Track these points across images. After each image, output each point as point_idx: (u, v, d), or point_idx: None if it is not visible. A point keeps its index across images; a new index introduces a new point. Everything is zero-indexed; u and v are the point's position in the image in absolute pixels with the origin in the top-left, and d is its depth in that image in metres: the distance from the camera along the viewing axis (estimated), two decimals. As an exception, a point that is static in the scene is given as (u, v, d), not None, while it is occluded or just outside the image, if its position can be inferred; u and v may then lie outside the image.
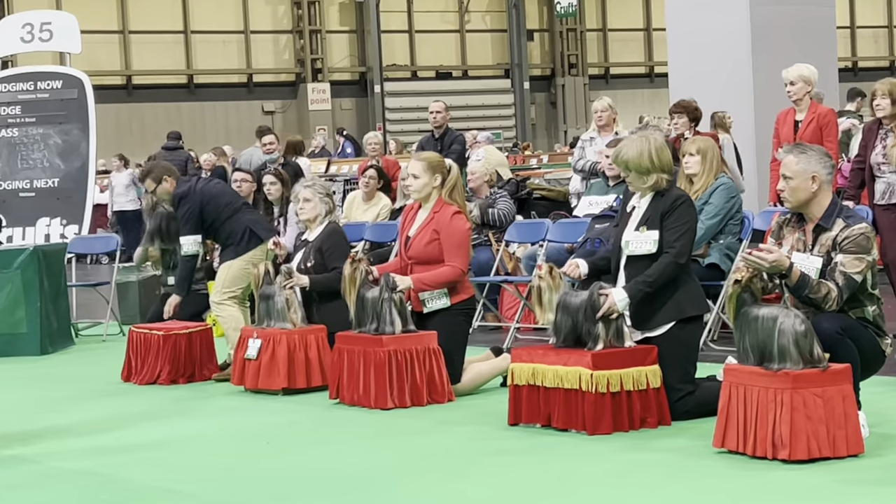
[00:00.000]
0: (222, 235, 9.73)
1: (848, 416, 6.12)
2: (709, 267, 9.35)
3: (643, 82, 42.53)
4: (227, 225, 9.68)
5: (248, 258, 9.62)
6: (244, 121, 37.85)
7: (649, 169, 7.20)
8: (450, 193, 8.47)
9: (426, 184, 8.43)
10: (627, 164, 7.24)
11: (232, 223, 9.68)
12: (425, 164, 8.43)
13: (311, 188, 9.52)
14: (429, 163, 8.46)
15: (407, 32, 40.61)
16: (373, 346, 8.08)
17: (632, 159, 7.21)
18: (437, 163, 8.49)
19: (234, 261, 9.65)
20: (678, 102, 12.26)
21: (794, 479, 5.80)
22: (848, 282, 6.35)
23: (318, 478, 6.36)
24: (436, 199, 8.46)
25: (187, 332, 9.54)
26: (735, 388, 6.27)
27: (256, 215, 10.20)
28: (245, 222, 9.72)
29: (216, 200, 9.74)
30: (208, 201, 9.69)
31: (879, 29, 46.22)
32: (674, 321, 7.18)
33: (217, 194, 9.83)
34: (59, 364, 10.94)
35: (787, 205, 6.63)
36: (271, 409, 8.33)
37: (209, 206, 9.67)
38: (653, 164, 7.19)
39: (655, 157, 7.19)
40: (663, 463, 6.29)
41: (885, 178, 9.49)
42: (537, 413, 7.17)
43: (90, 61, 29.30)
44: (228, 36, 38.42)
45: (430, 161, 8.49)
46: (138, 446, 7.29)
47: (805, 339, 6.09)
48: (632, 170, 7.23)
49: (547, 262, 7.35)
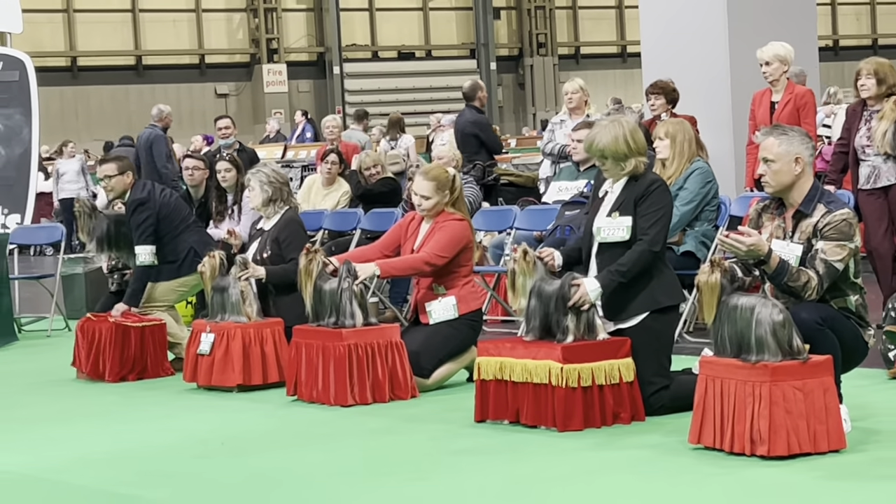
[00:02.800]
0: (165, 251, 9.69)
1: (829, 409, 6.16)
2: (684, 255, 9.38)
3: (615, 62, 42.62)
4: (174, 242, 9.70)
5: (183, 281, 9.76)
6: (196, 104, 37.77)
7: (626, 154, 7.20)
8: (453, 203, 8.58)
9: (436, 202, 8.53)
10: (604, 152, 7.23)
11: (178, 241, 9.73)
12: (435, 185, 8.51)
13: (255, 175, 9.54)
14: (438, 183, 8.52)
15: (367, 10, 40.56)
16: (332, 340, 8.08)
17: (608, 146, 7.20)
18: (445, 180, 8.57)
19: (169, 282, 9.72)
20: (655, 83, 12.29)
21: (774, 476, 5.83)
22: (829, 270, 6.38)
23: (276, 482, 6.35)
24: (440, 213, 8.57)
25: (140, 325, 9.49)
26: (711, 382, 6.30)
27: (203, 235, 10.19)
28: (190, 242, 9.77)
29: (172, 215, 9.75)
30: (166, 214, 9.69)
31: (861, 6, 46.45)
32: (648, 312, 7.21)
33: (174, 208, 9.83)
34: (1, 361, 10.89)
35: (768, 189, 6.65)
36: (226, 407, 8.32)
37: (165, 219, 9.67)
38: (630, 149, 7.20)
39: (631, 141, 7.21)
40: (637, 460, 6.31)
41: (870, 162, 9.54)
42: (505, 409, 7.18)
43: (32, 41, 29.15)
44: (179, 14, 38.29)
45: (439, 179, 8.55)
46: (87, 448, 7.26)
47: (784, 329, 6.12)
48: (608, 157, 7.23)
49: (521, 246, 7.33)
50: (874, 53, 35.70)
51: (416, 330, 8.53)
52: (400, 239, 8.71)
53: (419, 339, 8.37)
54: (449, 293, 8.47)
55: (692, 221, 9.52)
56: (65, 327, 12.30)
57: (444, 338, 8.41)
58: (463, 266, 8.55)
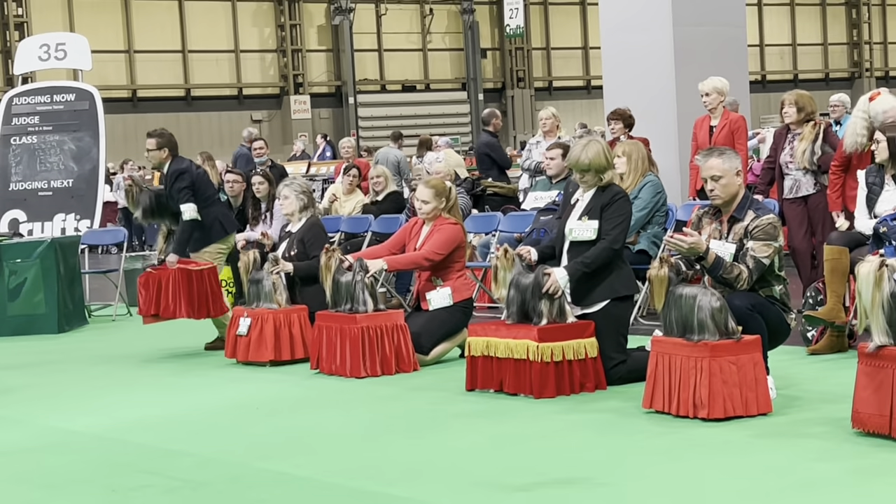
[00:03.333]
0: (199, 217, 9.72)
1: (758, 380, 6.16)
2: (638, 253, 9.39)
3: (581, 94, 42.56)
4: (204, 212, 9.69)
5: (215, 247, 9.76)
6: (235, 129, 37.62)
7: (605, 167, 7.23)
8: (449, 210, 8.60)
9: (434, 207, 8.55)
10: (590, 166, 7.23)
11: (208, 212, 9.71)
12: (433, 192, 8.55)
13: (289, 186, 9.60)
14: (436, 190, 8.57)
15: (377, 51, 40.50)
16: (348, 323, 8.08)
17: (593, 160, 7.20)
18: (443, 188, 8.61)
19: (204, 250, 9.71)
20: (615, 110, 12.28)
21: (713, 434, 5.84)
22: (757, 264, 6.40)
23: (302, 438, 6.36)
24: (437, 217, 8.56)
25: (199, 269, 9.43)
26: (661, 357, 6.30)
27: (225, 209, 10.26)
28: (215, 213, 9.80)
29: (204, 187, 9.81)
30: (199, 186, 9.73)
31: (784, 47, 46.43)
32: (608, 299, 7.22)
33: (205, 183, 9.90)
34: (75, 341, 10.89)
35: (717, 201, 6.65)
36: (260, 378, 8.32)
37: (198, 190, 9.70)
38: (608, 162, 7.24)
39: (609, 155, 7.26)
40: (599, 422, 6.32)
41: (792, 175, 9.56)
42: (491, 380, 7.19)
43: (100, 77, 29.09)
44: (221, 55, 38.22)
45: (437, 188, 8.60)
46: (145, 412, 7.27)
47: (721, 314, 6.12)
48: (592, 169, 7.23)
49: (503, 246, 7.37)
50: (795, 86, 35.72)
51: (418, 315, 8.53)
52: (405, 239, 8.72)
53: (420, 322, 8.37)
54: (445, 284, 8.47)
55: (645, 225, 9.53)
56: (126, 313, 12.30)
57: (441, 321, 8.41)
58: (457, 262, 8.55)
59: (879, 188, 7.87)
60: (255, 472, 5.62)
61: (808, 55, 46.74)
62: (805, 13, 46.78)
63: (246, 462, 5.83)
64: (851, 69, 46.41)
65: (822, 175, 9.43)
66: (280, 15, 38.93)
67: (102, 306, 12.79)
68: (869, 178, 7.98)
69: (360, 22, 39.63)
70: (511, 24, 39.99)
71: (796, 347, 7.85)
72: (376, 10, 40.16)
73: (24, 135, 14.08)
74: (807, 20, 46.80)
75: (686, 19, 13.66)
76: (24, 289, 11.32)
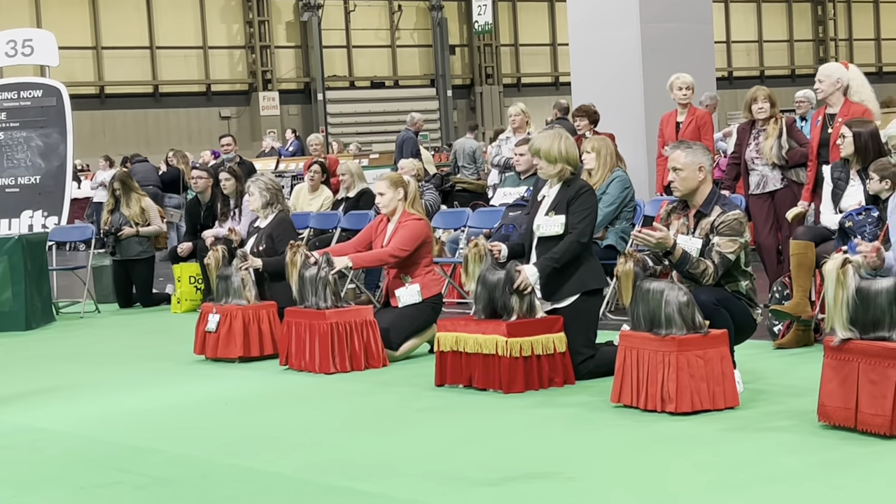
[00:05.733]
0: None
1: (725, 374, 6.19)
2: (607, 248, 9.41)
3: (550, 90, 42.58)
4: None
5: None
6: (203, 125, 37.58)
7: (556, 159, 7.27)
8: (411, 205, 8.59)
9: (392, 198, 8.55)
10: (538, 152, 7.32)
11: None
12: (388, 182, 8.58)
13: (254, 183, 9.57)
14: (391, 181, 8.60)
15: (345, 48, 40.42)
16: (317, 319, 8.07)
17: (543, 148, 7.30)
18: (398, 179, 8.63)
19: None
20: (579, 107, 12.30)
21: (680, 428, 5.86)
22: (723, 260, 6.42)
23: (271, 434, 6.35)
24: (401, 212, 8.55)
25: None
26: (629, 352, 6.32)
27: None
28: None
29: None
30: None
31: (751, 43, 46.65)
32: (578, 294, 7.24)
33: None
34: (42, 338, 10.82)
35: (676, 193, 6.68)
36: (229, 375, 8.30)
37: None
38: (560, 155, 7.27)
39: (564, 150, 7.28)
40: (568, 416, 6.33)
41: (759, 171, 9.60)
42: (460, 375, 7.19)
43: (67, 73, 28.92)
44: (189, 51, 38.05)
45: (392, 179, 8.63)
46: (113, 410, 7.23)
47: (687, 308, 6.15)
48: (542, 157, 7.30)
49: (474, 239, 7.39)
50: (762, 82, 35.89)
51: (387, 311, 8.52)
52: (371, 237, 8.71)
53: (389, 318, 8.36)
54: (414, 281, 8.47)
55: (613, 220, 9.56)
56: (95, 310, 12.24)
57: (410, 318, 8.41)
58: (424, 258, 8.56)
59: (845, 183, 7.92)
60: (225, 468, 5.61)
61: (775, 52, 46.97)
62: (771, 10, 47.01)
63: (215, 458, 5.81)
64: (817, 66, 46.55)
65: (788, 170, 9.48)
66: (248, 11, 38.81)
67: (70, 303, 12.72)
68: (834, 173, 8.03)
69: (328, 18, 39.53)
70: (479, 21, 40.04)
71: (763, 342, 7.89)
72: (345, 7, 40.10)
73: (-10, 131, 13.98)
74: (773, 17, 47.04)
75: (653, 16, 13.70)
76: (-10, 286, 11.24)
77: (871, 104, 8.87)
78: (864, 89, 8.94)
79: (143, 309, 12.43)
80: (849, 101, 8.75)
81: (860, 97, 8.84)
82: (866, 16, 48.66)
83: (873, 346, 5.41)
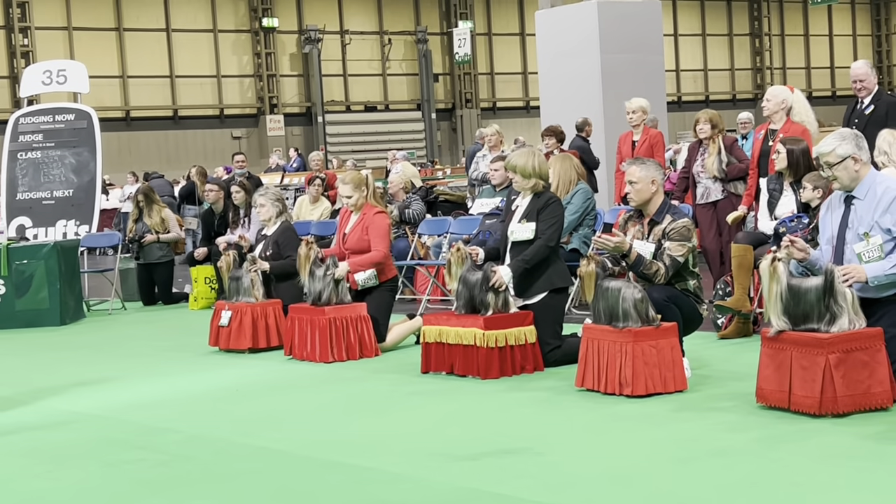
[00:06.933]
0: None
1: (675, 361, 6.20)
2: (571, 251, 9.42)
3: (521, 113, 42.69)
4: None
5: None
6: (217, 145, 37.53)
7: (531, 174, 7.27)
8: (373, 197, 8.49)
9: (357, 198, 8.47)
10: (515, 168, 7.32)
11: None
12: (352, 186, 8.47)
13: (264, 196, 9.49)
14: (354, 184, 8.49)
15: (342, 76, 40.42)
16: (317, 314, 8.06)
17: (519, 165, 7.30)
18: (360, 180, 8.53)
19: None
20: (548, 127, 12.33)
21: (636, 409, 5.87)
22: (673, 262, 6.44)
23: (277, 416, 6.33)
24: (363, 205, 8.46)
25: None
26: (591, 342, 6.33)
27: None
28: None
29: None
30: None
31: (697, 72, 46.81)
32: (546, 291, 7.24)
33: None
34: (75, 333, 10.79)
35: (632, 203, 6.69)
36: (240, 364, 8.28)
37: None
38: (533, 171, 7.28)
39: (537, 166, 7.29)
40: (538, 399, 6.33)
41: (703, 184, 9.62)
42: (443, 363, 7.19)
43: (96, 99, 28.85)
44: (205, 79, 38.00)
45: (355, 181, 8.51)
46: (137, 395, 7.21)
47: (642, 304, 6.16)
48: (518, 173, 7.31)
49: (458, 243, 7.39)
50: (707, 106, 36.01)
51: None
52: (342, 231, 8.64)
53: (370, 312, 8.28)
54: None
55: (577, 227, 9.57)
56: (122, 307, 12.21)
57: (387, 306, 8.36)
58: None
59: (779, 193, 7.94)
60: (237, 446, 5.59)
61: (718, 79, 47.15)
62: (715, 43, 47.18)
63: (228, 438, 5.79)
64: (755, 90, 46.81)
65: (728, 183, 9.51)
66: (257, 44, 38.76)
67: (99, 302, 12.68)
68: (770, 184, 8.06)
69: (327, 50, 39.54)
70: (460, 52, 40.07)
71: (708, 333, 7.91)
72: (341, 40, 40.10)
73: (29, 150, 13.94)
74: (716, 49, 47.21)
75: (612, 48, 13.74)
76: (30, 286, 11.21)
77: (810, 125, 8.90)
78: (805, 112, 8.97)
79: (164, 306, 12.41)
80: (790, 121, 8.79)
81: (801, 118, 8.88)
82: (798, 48, 48.91)
83: (804, 337, 5.43)
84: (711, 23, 46.89)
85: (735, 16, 47.43)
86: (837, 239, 5.75)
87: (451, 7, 41.81)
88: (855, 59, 33.35)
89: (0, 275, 11.18)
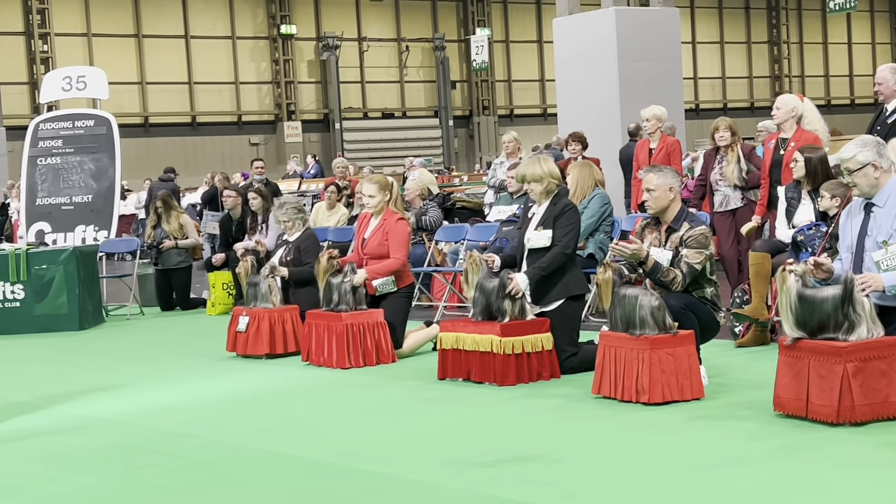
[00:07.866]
0: None
1: (692, 369, 6.19)
2: (588, 257, 9.41)
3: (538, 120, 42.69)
4: None
5: None
6: (235, 151, 37.66)
7: (541, 176, 7.31)
8: (394, 204, 8.49)
9: (380, 200, 8.46)
10: (525, 177, 7.35)
11: None
12: (378, 186, 8.46)
13: (285, 213, 9.49)
14: (380, 185, 8.48)
15: (360, 83, 40.51)
16: (334, 320, 8.07)
17: (528, 173, 7.35)
18: (386, 183, 8.52)
19: None
20: (574, 133, 12.34)
21: (653, 416, 5.86)
22: (690, 269, 6.42)
23: (293, 421, 6.34)
24: (384, 210, 8.47)
25: None
26: (608, 349, 6.32)
27: None
28: None
29: None
30: None
31: (715, 79, 46.74)
32: (563, 299, 7.23)
33: None
34: (93, 338, 10.83)
35: (649, 210, 6.69)
36: (257, 370, 8.29)
37: None
38: (543, 173, 7.31)
39: (545, 168, 7.32)
40: (554, 406, 6.32)
41: (721, 191, 9.61)
42: (460, 370, 7.19)
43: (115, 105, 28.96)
44: (223, 86, 38.14)
45: (381, 183, 8.51)
46: (154, 400, 7.23)
47: (659, 311, 6.15)
48: (529, 180, 7.33)
49: (472, 251, 7.40)
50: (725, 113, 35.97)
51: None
52: (360, 237, 8.63)
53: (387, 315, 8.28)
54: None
55: (593, 232, 9.56)
56: (139, 312, 12.26)
57: (403, 312, 8.37)
58: None
59: (797, 202, 7.92)
60: (253, 452, 5.61)
61: (736, 86, 47.06)
62: (733, 50, 47.10)
63: (245, 443, 5.81)
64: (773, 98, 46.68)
65: (747, 191, 9.49)
66: (275, 51, 38.89)
67: (118, 307, 12.73)
68: (788, 193, 8.04)
69: (345, 57, 39.64)
70: (477, 60, 40.10)
71: (725, 341, 7.89)
72: (359, 47, 40.18)
73: (48, 156, 14.02)
74: (735, 56, 47.12)
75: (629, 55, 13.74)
76: (49, 292, 11.26)
77: (821, 133, 8.88)
78: (815, 120, 8.96)
79: (182, 312, 12.45)
80: (801, 129, 8.77)
81: (812, 127, 8.86)
82: (817, 55, 48.77)
83: (821, 345, 5.42)
84: (729, 30, 46.83)
85: (753, 23, 47.35)
86: (856, 246, 5.74)
87: (469, 14, 41.86)
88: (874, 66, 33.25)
89: (19, 279, 11.24)
